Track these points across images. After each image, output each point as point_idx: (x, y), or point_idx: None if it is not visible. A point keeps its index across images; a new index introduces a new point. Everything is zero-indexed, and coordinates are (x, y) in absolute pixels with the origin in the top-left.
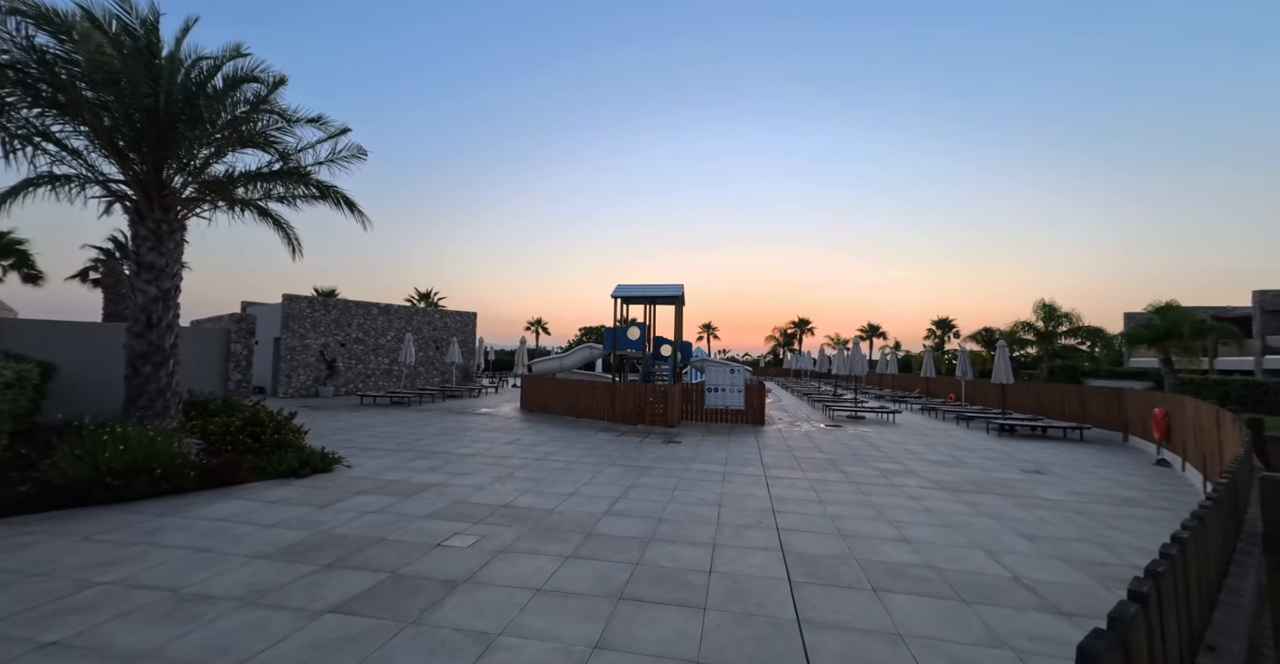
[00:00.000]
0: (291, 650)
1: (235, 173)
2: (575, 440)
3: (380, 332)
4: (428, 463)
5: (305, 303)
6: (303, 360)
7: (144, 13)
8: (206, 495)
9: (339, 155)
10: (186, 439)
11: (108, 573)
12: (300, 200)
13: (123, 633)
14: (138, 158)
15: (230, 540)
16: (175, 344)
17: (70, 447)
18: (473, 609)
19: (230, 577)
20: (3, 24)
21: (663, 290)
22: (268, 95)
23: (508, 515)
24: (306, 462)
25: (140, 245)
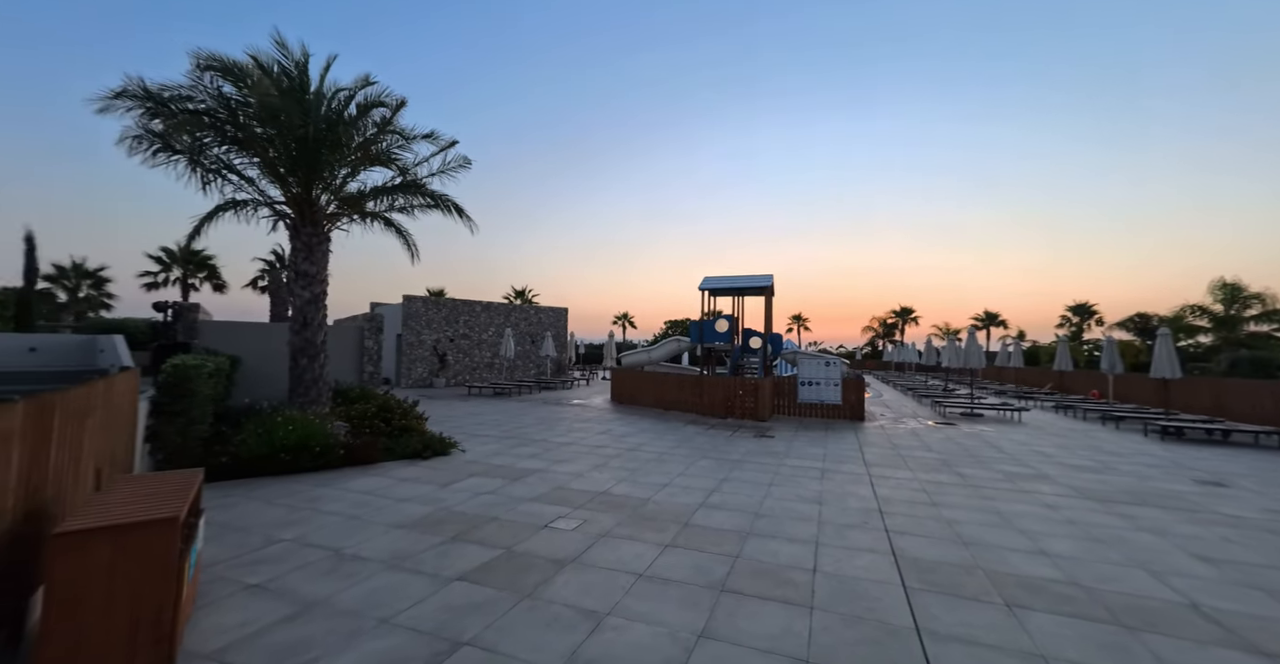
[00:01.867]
0: (429, 611)
1: (366, 189)
2: (665, 432)
3: (483, 327)
4: (529, 450)
5: (421, 302)
6: (419, 354)
7: (296, 56)
8: (351, 471)
9: (448, 166)
10: (335, 423)
11: (286, 531)
12: (417, 210)
13: (302, 582)
14: (294, 181)
15: (373, 511)
16: (324, 340)
17: (254, 427)
18: (580, 588)
19: (376, 542)
20: (200, 79)
21: (751, 281)
22: (391, 117)
23: (606, 502)
24: (428, 445)
25: (296, 256)
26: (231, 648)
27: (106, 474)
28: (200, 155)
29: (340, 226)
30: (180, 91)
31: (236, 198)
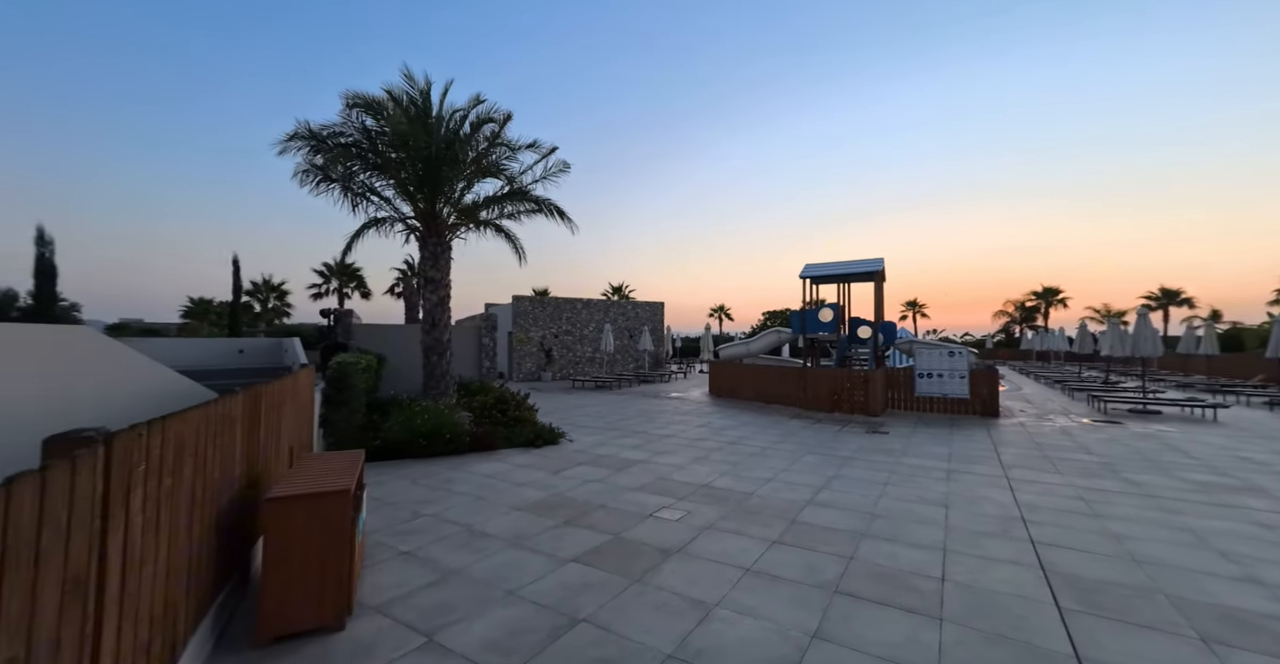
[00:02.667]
0: (547, 588)
1: (479, 199)
2: (767, 426)
3: (584, 323)
4: (631, 441)
5: (528, 302)
6: (528, 350)
7: (421, 85)
8: (475, 457)
9: (549, 172)
10: (461, 413)
11: (427, 507)
12: (523, 215)
13: (442, 553)
14: (421, 197)
15: (496, 493)
16: (450, 339)
17: (398, 415)
18: (687, 578)
19: (499, 521)
20: (349, 116)
21: (858, 267)
22: (499, 131)
23: (708, 495)
24: (540, 435)
25: (424, 264)
26: (391, 604)
27: (296, 452)
28: (350, 181)
29: (459, 235)
30: (334, 128)
31: (377, 216)
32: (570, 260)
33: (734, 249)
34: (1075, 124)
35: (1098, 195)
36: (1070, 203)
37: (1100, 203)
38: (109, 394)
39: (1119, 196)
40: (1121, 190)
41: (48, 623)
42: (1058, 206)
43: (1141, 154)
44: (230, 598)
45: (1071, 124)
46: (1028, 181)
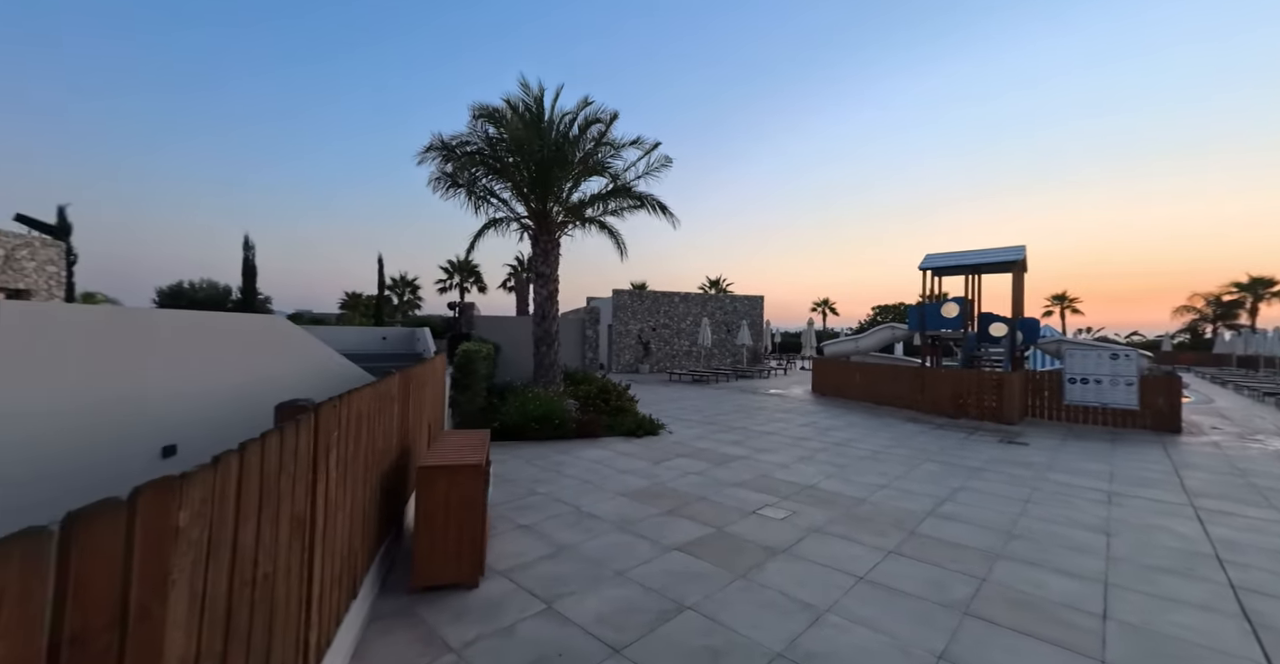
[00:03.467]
0: (653, 572)
1: (585, 197)
2: (877, 429)
3: (681, 317)
4: (731, 437)
5: (627, 295)
6: (626, 343)
7: (535, 92)
8: (580, 443)
9: (652, 167)
10: (568, 400)
11: (540, 487)
12: (625, 211)
13: (556, 529)
14: (533, 198)
15: (601, 478)
16: (557, 331)
17: (514, 400)
18: (793, 579)
19: (605, 505)
20: (475, 126)
21: (993, 256)
22: (605, 131)
23: (814, 497)
24: (640, 425)
25: (535, 260)
26: (514, 570)
27: (434, 429)
28: (473, 186)
29: (567, 233)
30: (461, 138)
31: (496, 217)
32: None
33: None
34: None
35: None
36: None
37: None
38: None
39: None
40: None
41: (284, 550)
42: (1264, 174)
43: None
44: (389, 550)
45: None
46: (1210, 144)
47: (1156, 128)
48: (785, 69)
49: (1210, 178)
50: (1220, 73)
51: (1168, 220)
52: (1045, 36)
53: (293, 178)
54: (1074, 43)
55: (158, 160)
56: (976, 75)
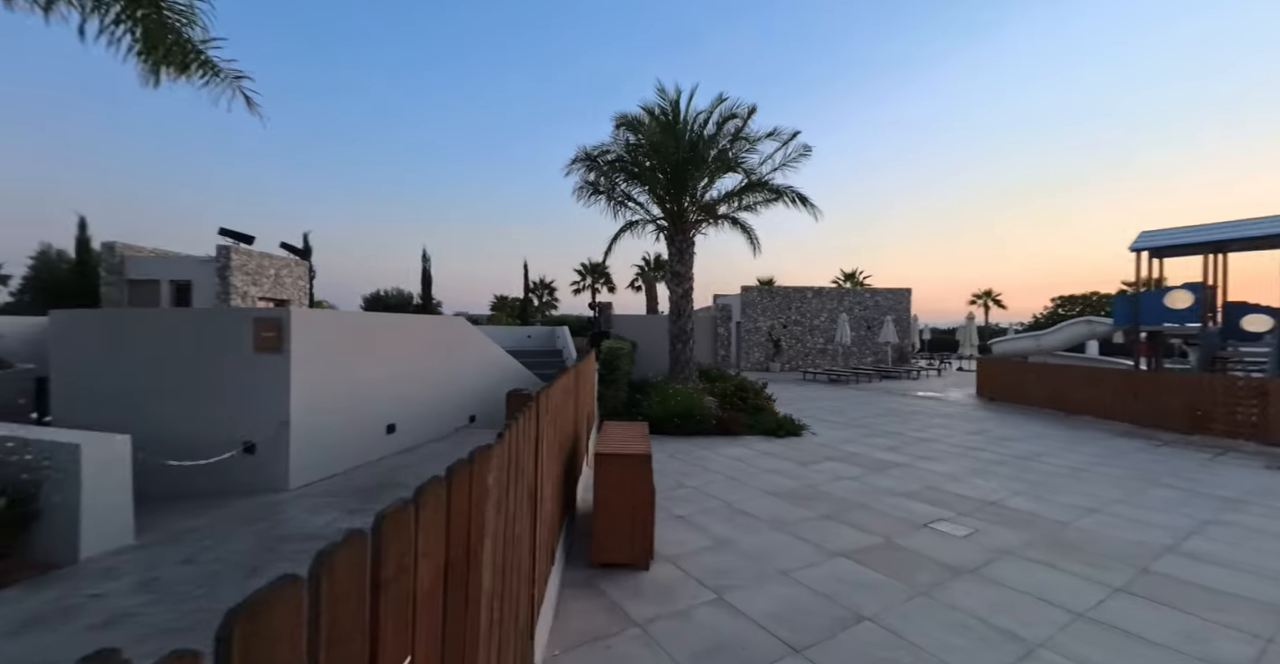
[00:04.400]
0: (821, 576)
1: (719, 195)
2: (1074, 442)
3: (814, 313)
4: (884, 442)
5: (756, 292)
6: (755, 340)
7: (671, 96)
8: (720, 440)
9: (789, 158)
10: (707, 397)
11: (688, 480)
12: (759, 205)
13: (711, 523)
14: (669, 199)
15: (747, 475)
16: (692, 328)
17: (654, 395)
18: (989, 604)
19: (756, 503)
20: (617, 135)
21: (1252, 228)
22: (742, 126)
23: (1000, 516)
24: (781, 425)
25: (672, 260)
26: (679, 558)
27: (591, 419)
28: (613, 191)
29: (701, 231)
30: (603, 148)
31: (632, 219)
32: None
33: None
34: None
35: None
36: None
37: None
38: (475, 361)
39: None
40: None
41: (525, 516)
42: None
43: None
44: (568, 527)
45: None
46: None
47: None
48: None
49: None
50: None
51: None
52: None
53: (441, 185)
54: None
55: (347, 184)
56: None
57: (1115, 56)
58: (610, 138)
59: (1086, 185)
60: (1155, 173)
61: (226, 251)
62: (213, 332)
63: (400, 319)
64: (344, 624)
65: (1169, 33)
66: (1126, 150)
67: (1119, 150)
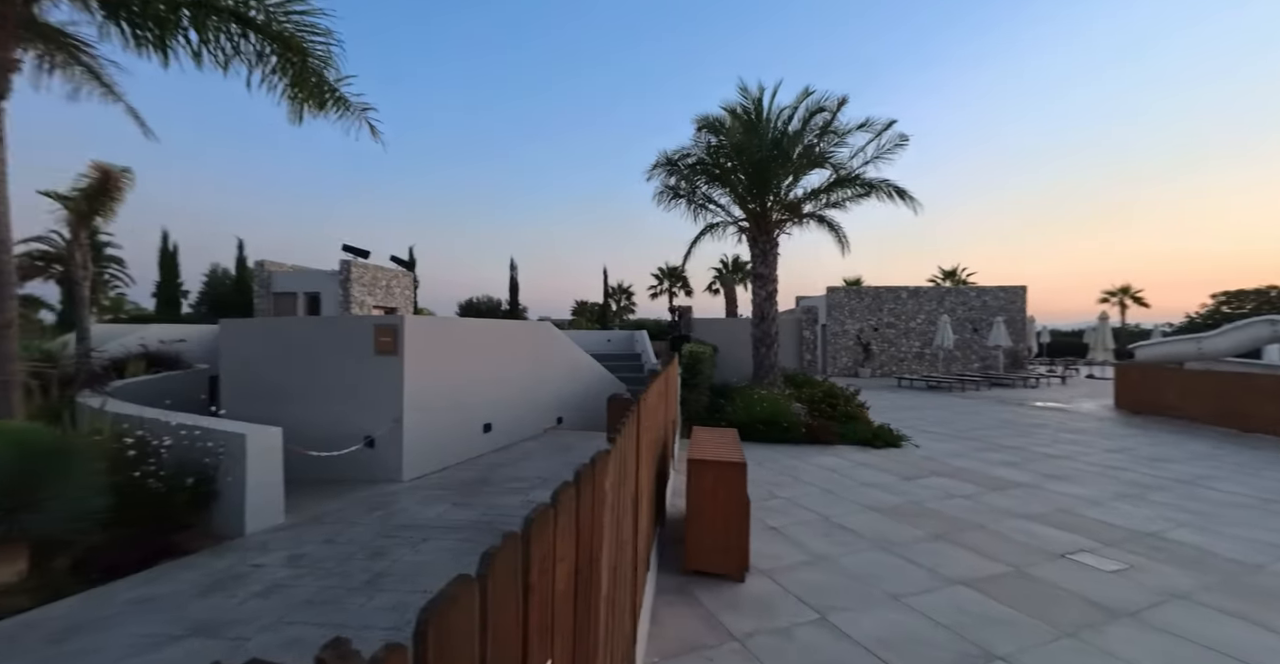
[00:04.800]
0: (939, 605)
1: (805, 193)
2: (1255, 466)
3: (910, 315)
4: (1000, 456)
5: (842, 293)
6: (843, 344)
7: (754, 94)
8: (810, 448)
9: (883, 150)
10: (794, 403)
11: (780, 490)
12: (848, 202)
13: (806, 537)
14: (750, 199)
15: (842, 488)
16: (777, 332)
17: (739, 400)
18: (1165, 657)
19: (855, 518)
20: (699, 139)
21: None
22: (831, 119)
23: (1161, 550)
24: (878, 435)
25: (755, 262)
26: (776, 572)
27: (675, 423)
28: (693, 194)
29: (785, 231)
30: (683, 151)
31: (712, 222)
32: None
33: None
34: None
35: None
36: None
37: None
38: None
39: None
40: None
41: (629, 518)
42: None
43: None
44: (659, 532)
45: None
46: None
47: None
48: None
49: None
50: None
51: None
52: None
53: (526, 196)
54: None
55: (442, 198)
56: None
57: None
58: (691, 141)
59: (1250, 160)
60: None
61: (347, 266)
62: (341, 337)
63: (496, 325)
64: (505, 626)
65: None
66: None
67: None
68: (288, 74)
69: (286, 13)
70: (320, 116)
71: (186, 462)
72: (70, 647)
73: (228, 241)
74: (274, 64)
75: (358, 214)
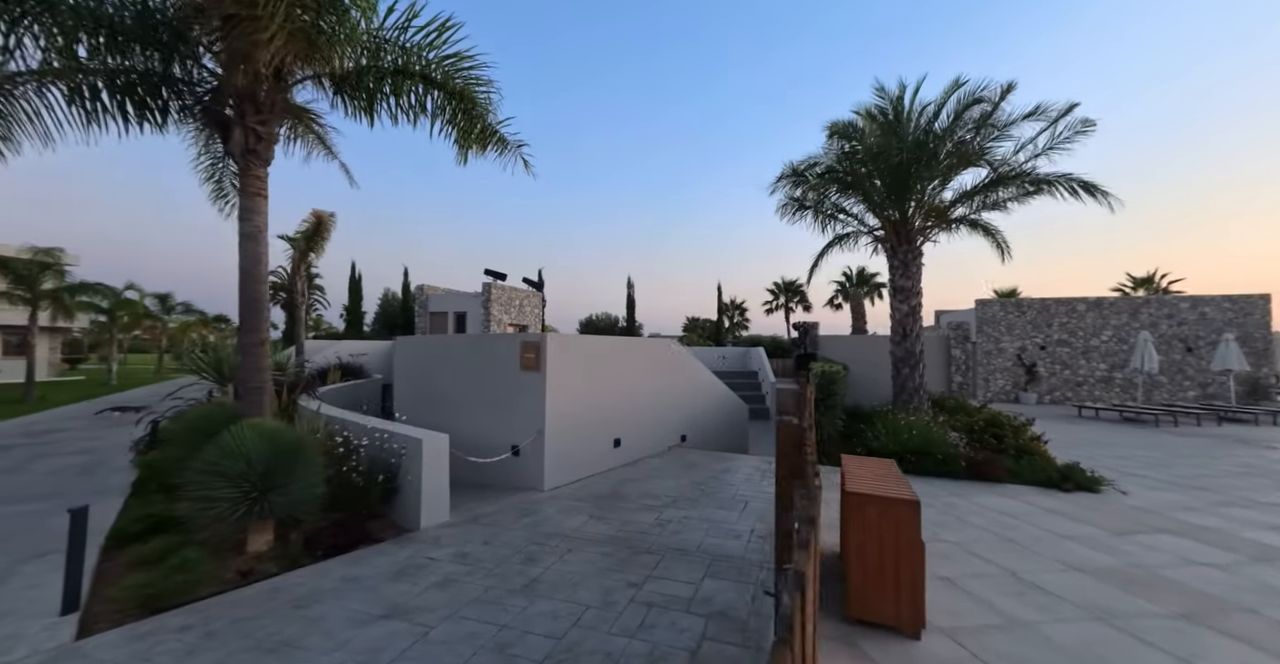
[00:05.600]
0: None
1: (953, 196)
2: None
3: (1090, 331)
4: (1255, 515)
5: (997, 306)
6: (998, 364)
7: (893, 93)
8: (972, 486)
9: (1058, 139)
10: (949, 432)
11: (943, 533)
12: (1011, 202)
13: (990, 594)
14: (889, 206)
15: (1027, 538)
16: (922, 350)
17: (881, 426)
18: None
19: (1053, 578)
20: (829, 147)
21: None
22: (992, 112)
23: None
24: (1066, 476)
25: (894, 273)
26: (959, 633)
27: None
28: (820, 205)
29: (931, 239)
30: (811, 161)
31: (842, 233)
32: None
33: None
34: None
35: None
36: None
37: None
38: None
39: None
40: None
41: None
42: None
43: None
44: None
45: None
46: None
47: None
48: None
49: None
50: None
51: None
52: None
53: (637, 216)
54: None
55: (562, 222)
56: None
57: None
58: (820, 149)
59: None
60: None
61: (488, 287)
62: (493, 353)
63: (626, 342)
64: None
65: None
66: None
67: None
68: (459, 122)
69: (457, 69)
70: (481, 156)
71: (377, 460)
72: (309, 613)
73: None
74: (449, 115)
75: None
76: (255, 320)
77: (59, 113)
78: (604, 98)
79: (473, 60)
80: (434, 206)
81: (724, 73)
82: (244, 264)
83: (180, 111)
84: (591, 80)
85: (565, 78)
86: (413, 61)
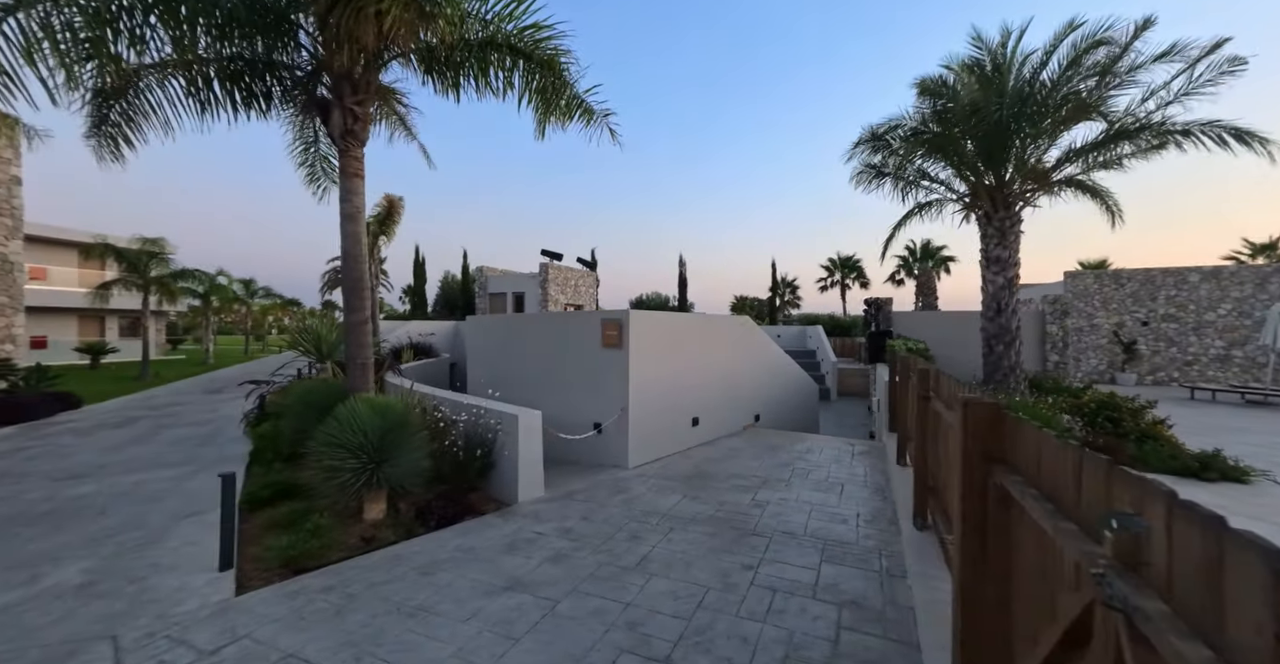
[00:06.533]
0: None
1: (1061, 155)
2: None
3: (1205, 305)
4: None
5: (1090, 278)
6: (1091, 342)
7: (991, 42)
8: None
9: (1196, 83)
10: (1060, 415)
11: None
12: (1131, 158)
13: None
14: (985, 169)
15: None
16: (1019, 326)
17: None
18: None
19: None
20: (918, 106)
21: None
22: (1121, 54)
23: None
24: (1207, 465)
25: (988, 243)
26: None
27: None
28: (902, 170)
29: (1033, 203)
30: (892, 123)
31: (924, 201)
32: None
33: None
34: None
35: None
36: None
37: None
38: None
39: None
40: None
41: None
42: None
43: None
44: None
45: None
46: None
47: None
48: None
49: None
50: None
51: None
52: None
53: (686, 196)
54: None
55: (612, 201)
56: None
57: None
58: (905, 111)
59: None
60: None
61: (545, 268)
62: (571, 331)
63: (702, 319)
64: None
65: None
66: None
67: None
68: (547, 93)
69: (536, 39)
70: (562, 128)
71: (472, 436)
72: (435, 580)
73: (456, 251)
74: (538, 84)
75: (541, 214)
76: (358, 300)
77: (178, 105)
78: (662, 80)
79: (551, 29)
80: (484, 185)
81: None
82: (345, 245)
83: (282, 97)
84: (642, 58)
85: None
86: (495, 33)
